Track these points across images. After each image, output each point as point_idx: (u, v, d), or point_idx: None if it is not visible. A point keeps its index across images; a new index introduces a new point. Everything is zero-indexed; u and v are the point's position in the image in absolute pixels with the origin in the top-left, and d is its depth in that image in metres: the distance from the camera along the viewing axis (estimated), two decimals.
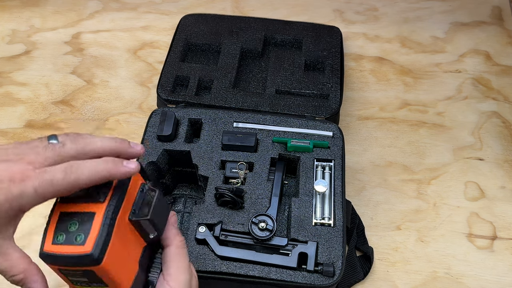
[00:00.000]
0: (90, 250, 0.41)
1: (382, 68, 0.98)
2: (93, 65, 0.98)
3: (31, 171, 0.41)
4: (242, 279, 0.62)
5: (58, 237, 0.43)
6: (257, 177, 0.70)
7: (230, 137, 0.72)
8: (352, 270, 0.71)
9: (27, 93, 0.94)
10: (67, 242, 0.42)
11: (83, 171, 0.42)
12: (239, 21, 0.94)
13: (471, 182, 0.82)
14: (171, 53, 0.88)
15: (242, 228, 0.65)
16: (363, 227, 0.76)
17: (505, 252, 0.75)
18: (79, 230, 0.42)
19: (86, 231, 0.42)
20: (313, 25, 0.93)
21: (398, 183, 0.82)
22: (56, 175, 0.41)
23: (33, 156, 0.42)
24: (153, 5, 1.08)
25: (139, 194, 0.47)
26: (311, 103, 0.81)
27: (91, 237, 0.41)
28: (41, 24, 1.05)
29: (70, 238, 0.42)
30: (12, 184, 0.40)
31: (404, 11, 1.07)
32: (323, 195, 0.69)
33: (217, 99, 0.81)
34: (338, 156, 0.72)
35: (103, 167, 0.43)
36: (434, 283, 0.73)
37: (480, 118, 0.90)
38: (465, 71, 0.97)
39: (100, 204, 0.43)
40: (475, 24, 1.05)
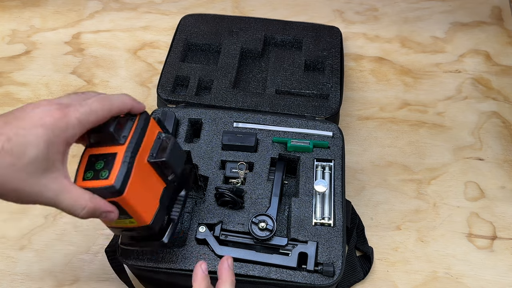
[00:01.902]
0: (113, 182, 0.49)
1: (382, 68, 0.98)
2: (93, 65, 0.98)
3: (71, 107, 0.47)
4: (242, 279, 0.62)
5: (87, 175, 0.50)
6: (257, 177, 0.70)
7: (230, 137, 0.72)
8: (352, 270, 0.71)
9: (27, 93, 0.94)
10: (94, 178, 0.50)
11: (114, 101, 0.50)
12: (239, 21, 0.94)
13: (471, 182, 0.82)
14: (171, 53, 0.88)
15: (242, 228, 0.65)
16: (363, 227, 0.76)
17: (505, 252, 0.75)
18: (104, 168, 0.50)
19: (109, 168, 0.50)
20: (313, 25, 0.93)
21: (398, 183, 0.82)
22: (93, 104, 0.48)
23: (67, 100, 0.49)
24: (153, 5, 1.08)
25: (156, 140, 0.55)
26: (311, 103, 0.81)
27: (113, 172, 0.49)
28: (41, 24, 1.05)
29: (97, 174, 0.50)
30: (56, 120, 0.45)
31: (404, 11, 1.07)
32: (323, 195, 0.69)
33: (217, 99, 0.81)
34: (338, 156, 0.72)
35: (127, 99, 0.52)
36: (434, 283, 0.73)
37: (480, 118, 0.90)
38: (465, 71, 0.97)
39: (121, 146, 0.51)
40: (475, 24, 1.05)
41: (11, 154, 0.43)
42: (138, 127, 0.53)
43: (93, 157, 0.51)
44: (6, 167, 0.43)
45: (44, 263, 0.74)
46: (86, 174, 0.51)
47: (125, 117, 0.53)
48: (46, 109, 0.46)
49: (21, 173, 0.44)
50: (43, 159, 0.45)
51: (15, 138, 0.44)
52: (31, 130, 0.44)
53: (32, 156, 0.44)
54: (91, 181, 0.50)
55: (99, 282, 0.73)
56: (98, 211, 0.49)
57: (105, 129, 0.51)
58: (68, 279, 0.73)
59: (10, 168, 0.44)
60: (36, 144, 0.44)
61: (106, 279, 0.73)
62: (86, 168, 0.51)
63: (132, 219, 0.53)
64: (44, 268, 0.74)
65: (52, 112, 0.46)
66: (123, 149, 0.51)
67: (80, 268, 0.74)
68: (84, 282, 0.73)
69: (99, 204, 0.49)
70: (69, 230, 0.77)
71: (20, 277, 0.73)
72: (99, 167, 0.50)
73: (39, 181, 0.45)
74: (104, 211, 0.50)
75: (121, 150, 0.51)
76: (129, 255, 0.62)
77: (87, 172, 0.51)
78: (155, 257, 0.63)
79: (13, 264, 0.74)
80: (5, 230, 0.77)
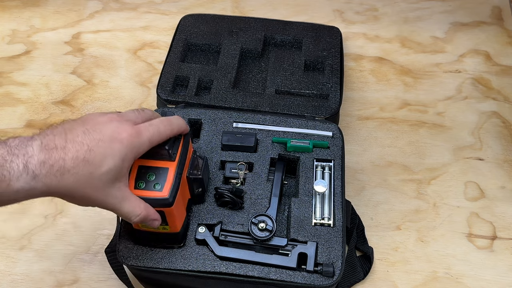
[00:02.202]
0: (167, 195, 0.56)
1: (382, 68, 0.98)
2: (93, 65, 0.98)
3: (142, 127, 0.52)
4: (242, 279, 0.62)
5: (139, 184, 0.57)
6: (257, 177, 0.70)
7: (229, 137, 0.72)
8: (352, 270, 0.71)
9: (27, 93, 0.94)
10: (147, 188, 0.56)
11: (175, 125, 0.57)
12: (239, 21, 0.93)
13: (471, 182, 0.82)
14: (171, 53, 0.88)
15: (242, 229, 0.65)
16: (363, 227, 0.76)
17: (505, 252, 0.75)
18: (156, 180, 0.57)
19: (162, 181, 0.57)
20: (313, 25, 0.93)
21: (398, 183, 0.82)
22: (160, 127, 0.55)
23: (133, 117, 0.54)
24: (153, 5, 1.08)
25: (192, 158, 0.63)
26: (311, 103, 0.81)
27: (166, 185, 0.57)
28: (41, 24, 1.05)
29: (149, 185, 0.56)
30: (132, 137, 0.51)
31: (404, 11, 1.07)
32: (322, 195, 0.68)
33: (216, 99, 0.81)
34: (338, 156, 0.72)
35: (183, 123, 0.59)
36: (434, 283, 0.73)
37: (480, 118, 0.90)
38: (465, 71, 0.97)
39: (172, 162, 0.58)
40: (475, 24, 1.05)
41: (90, 164, 0.47)
42: (184, 146, 0.60)
43: (143, 168, 0.58)
44: (84, 175, 0.47)
45: (44, 263, 0.74)
46: (137, 183, 0.56)
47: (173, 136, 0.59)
48: (121, 126, 0.51)
49: (96, 181, 0.48)
50: (116, 171, 0.50)
51: (96, 149, 0.48)
52: (110, 144, 0.49)
53: (108, 168, 0.49)
54: (144, 191, 0.56)
55: (99, 282, 0.73)
56: (148, 219, 0.55)
57: (162, 146, 0.57)
58: (68, 279, 0.73)
59: (87, 176, 0.48)
60: (113, 157, 0.49)
61: (106, 279, 0.73)
62: (137, 178, 0.57)
63: (167, 226, 0.60)
64: (44, 268, 0.74)
65: (128, 130, 0.51)
66: (174, 165, 0.58)
67: (80, 268, 0.74)
68: (84, 282, 0.73)
69: (150, 213, 0.55)
70: (69, 230, 0.77)
71: (20, 277, 0.73)
72: (151, 179, 0.57)
73: (108, 189, 0.50)
74: (152, 219, 0.55)
75: (172, 166, 0.58)
76: (128, 256, 0.62)
77: (139, 182, 0.57)
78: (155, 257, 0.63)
79: (13, 264, 0.74)
80: (5, 230, 0.77)
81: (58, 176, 0.46)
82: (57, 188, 0.47)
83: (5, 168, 0.44)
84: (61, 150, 0.47)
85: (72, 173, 0.47)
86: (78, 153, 0.47)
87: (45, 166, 0.46)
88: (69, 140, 0.47)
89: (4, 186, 0.44)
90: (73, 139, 0.48)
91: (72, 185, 0.47)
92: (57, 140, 0.47)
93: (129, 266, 0.63)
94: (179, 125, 0.58)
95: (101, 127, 0.50)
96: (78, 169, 0.47)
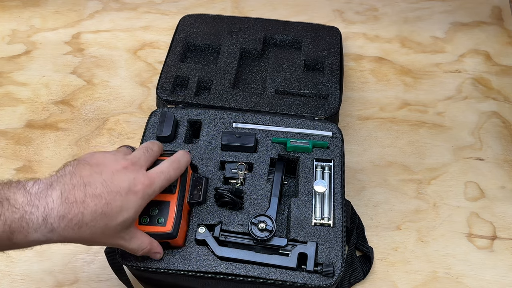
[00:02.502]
0: (170, 230, 0.59)
1: (382, 68, 0.98)
2: (93, 65, 0.98)
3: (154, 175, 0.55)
4: (242, 279, 0.62)
5: (143, 220, 0.59)
6: (257, 178, 0.70)
7: (229, 137, 0.72)
8: (352, 270, 0.71)
9: (27, 93, 0.94)
10: (151, 224, 0.59)
11: (182, 165, 0.59)
12: (239, 21, 0.93)
13: (471, 182, 0.82)
14: (170, 54, 0.88)
15: (242, 229, 0.65)
16: (363, 227, 0.76)
17: (505, 252, 0.75)
18: (159, 215, 0.60)
19: (165, 216, 0.60)
20: (312, 25, 0.93)
21: (398, 183, 0.82)
22: (170, 172, 0.57)
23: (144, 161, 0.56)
24: (153, 5, 1.08)
25: (192, 181, 0.65)
26: (311, 103, 0.81)
27: (169, 220, 0.60)
28: (41, 24, 1.05)
29: (153, 220, 0.59)
30: (146, 188, 0.53)
31: (404, 11, 1.07)
32: (322, 195, 0.68)
33: (216, 99, 0.81)
34: (338, 156, 0.72)
35: (188, 157, 0.61)
36: (434, 283, 0.73)
37: (480, 118, 0.90)
38: (465, 71, 0.97)
39: (172, 194, 0.61)
40: (475, 24, 1.04)
41: (107, 216, 0.50)
42: (183, 175, 0.62)
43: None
44: (100, 227, 0.50)
45: (44, 263, 0.74)
46: (142, 219, 0.59)
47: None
48: (137, 177, 0.53)
49: (110, 231, 0.51)
50: (130, 220, 0.53)
51: (113, 203, 0.50)
52: (127, 197, 0.51)
53: (123, 219, 0.51)
54: (148, 226, 0.59)
55: (99, 282, 0.73)
56: (151, 252, 0.58)
57: None
58: (68, 279, 0.73)
59: (102, 228, 0.50)
60: (128, 209, 0.51)
61: (106, 279, 0.73)
62: (141, 214, 0.57)
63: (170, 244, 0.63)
64: (44, 268, 0.74)
65: (143, 181, 0.53)
66: (174, 198, 0.61)
67: (80, 268, 0.74)
68: (84, 282, 0.73)
69: (153, 246, 0.58)
70: None
71: (20, 277, 0.73)
72: (153, 213, 0.60)
73: (119, 234, 0.53)
74: (155, 252, 0.59)
75: (173, 198, 0.61)
76: (128, 256, 0.62)
77: (143, 217, 0.59)
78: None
79: (13, 264, 0.74)
80: None
81: (76, 229, 0.48)
82: (72, 239, 0.49)
83: (25, 220, 0.45)
84: (80, 204, 0.48)
85: (89, 226, 0.49)
86: (96, 207, 0.48)
87: (64, 220, 0.47)
88: (88, 194, 0.49)
89: (21, 237, 0.45)
90: (92, 192, 0.49)
91: (87, 236, 0.49)
92: (76, 193, 0.48)
93: (129, 266, 0.63)
94: (186, 162, 0.61)
95: (118, 178, 0.51)
96: (95, 222, 0.49)
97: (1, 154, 0.86)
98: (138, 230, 0.56)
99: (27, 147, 0.87)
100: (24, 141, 0.87)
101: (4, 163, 0.85)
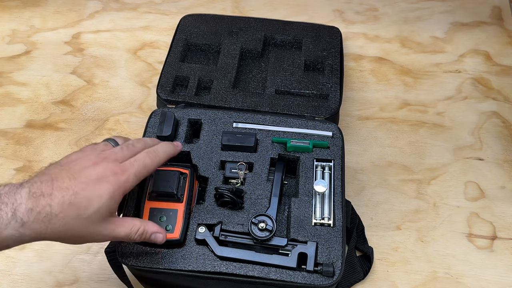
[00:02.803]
0: (178, 236, 0.63)
1: (382, 68, 0.98)
2: (93, 65, 0.98)
3: (127, 163, 0.55)
4: (242, 279, 0.62)
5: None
6: (257, 178, 0.70)
7: (229, 137, 0.72)
8: (352, 270, 0.71)
9: (27, 93, 0.94)
10: None
11: (161, 154, 0.59)
12: (239, 21, 0.93)
13: (471, 182, 0.82)
14: (171, 53, 0.88)
15: (242, 229, 0.65)
16: (363, 227, 0.76)
17: (505, 252, 0.75)
18: (167, 222, 0.64)
19: (173, 223, 0.63)
20: (312, 25, 0.93)
21: (398, 183, 0.82)
22: (146, 160, 0.57)
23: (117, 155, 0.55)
24: (153, 5, 1.08)
25: (198, 191, 0.69)
26: (311, 103, 0.81)
27: (177, 227, 0.63)
28: (41, 24, 1.05)
29: (162, 227, 0.60)
30: (118, 175, 0.53)
31: (404, 11, 1.07)
32: (322, 195, 0.68)
33: (216, 99, 0.81)
34: (338, 156, 0.72)
35: (169, 149, 0.61)
36: (434, 283, 0.73)
37: (480, 118, 0.90)
38: (465, 71, 0.97)
39: (180, 203, 0.65)
40: (475, 24, 1.04)
41: (77, 207, 0.50)
42: (190, 184, 0.66)
43: (154, 210, 0.64)
44: (72, 218, 0.50)
45: (44, 263, 0.74)
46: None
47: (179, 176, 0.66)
48: (107, 166, 0.53)
49: (85, 221, 0.51)
50: (106, 209, 0.52)
51: (81, 192, 0.50)
52: (95, 186, 0.51)
53: (96, 208, 0.51)
54: None
55: (99, 282, 0.73)
56: (148, 232, 0.57)
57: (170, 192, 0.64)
58: (68, 279, 0.73)
59: (74, 219, 0.50)
60: (100, 197, 0.51)
61: (106, 279, 0.73)
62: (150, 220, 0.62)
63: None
64: (44, 268, 0.74)
65: (113, 169, 0.53)
66: (182, 207, 0.65)
67: (80, 268, 0.74)
68: (84, 282, 0.73)
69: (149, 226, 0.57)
70: None
71: (20, 277, 0.73)
72: (162, 220, 0.64)
73: (99, 226, 0.52)
74: (153, 232, 0.57)
75: (180, 207, 0.64)
76: (128, 256, 0.62)
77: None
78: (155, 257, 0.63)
79: (13, 264, 0.74)
80: None
81: (46, 221, 0.48)
82: (46, 233, 0.49)
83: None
84: (47, 196, 0.48)
85: (60, 218, 0.49)
86: (64, 198, 0.49)
87: (32, 213, 0.47)
88: (55, 187, 0.49)
89: None
90: (59, 185, 0.50)
91: (60, 229, 0.49)
92: (44, 188, 0.49)
93: (129, 266, 0.63)
94: (165, 153, 0.60)
95: (86, 171, 0.52)
96: (65, 213, 0.49)
97: (1, 154, 0.86)
98: (126, 217, 0.57)
99: (27, 147, 0.87)
100: (24, 141, 0.87)
101: (4, 163, 0.85)
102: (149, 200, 0.65)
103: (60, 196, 0.49)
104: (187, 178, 0.67)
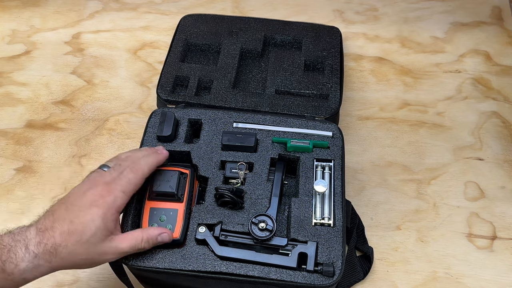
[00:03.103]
0: (178, 236, 0.63)
1: (382, 68, 0.98)
2: (93, 65, 0.98)
3: (112, 184, 0.59)
4: (242, 279, 0.62)
5: (152, 225, 0.64)
6: (257, 177, 0.70)
7: (230, 137, 0.72)
8: (352, 270, 0.71)
9: (27, 93, 0.94)
10: None
11: (143, 166, 0.62)
12: (239, 21, 0.93)
13: (471, 182, 0.82)
14: (171, 53, 0.88)
15: (242, 228, 0.65)
16: (363, 227, 0.76)
17: (505, 252, 0.75)
18: (167, 222, 0.64)
19: (173, 223, 0.64)
20: (312, 25, 0.93)
21: (398, 183, 0.82)
22: (129, 175, 0.60)
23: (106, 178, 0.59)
24: (153, 5, 1.08)
25: (198, 191, 0.69)
26: (311, 103, 0.81)
27: (177, 227, 0.64)
28: (41, 24, 1.05)
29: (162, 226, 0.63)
30: (105, 197, 0.57)
31: (404, 11, 1.07)
32: (323, 195, 0.68)
33: (216, 99, 0.81)
34: (338, 156, 0.72)
35: (151, 159, 0.64)
36: (434, 283, 0.73)
37: (480, 118, 0.90)
38: (465, 71, 0.97)
39: (180, 203, 0.65)
40: (475, 24, 1.05)
41: (75, 233, 0.55)
42: (190, 184, 0.67)
43: (154, 210, 0.65)
44: (74, 244, 0.55)
45: None
46: (151, 225, 0.64)
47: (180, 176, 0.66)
48: (95, 191, 0.58)
49: (86, 245, 0.55)
50: (102, 230, 0.56)
51: (76, 220, 0.55)
52: (87, 211, 0.56)
53: (93, 231, 0.56)
54: None
55: (99, 282, 0.73)
56: (154, 237, 0.61)
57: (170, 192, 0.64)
58: (68, 279, 0.73)
59: (76, 245, 0.55)
60: (93, 221, 0.56)
61: (106, 279, 0.73)
62: (150, 219, 0.64)
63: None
64: None
65: (101, 192, 0.58)
66: (182, 207, 0.65)
67: None
68: (84, 282, 0.73)
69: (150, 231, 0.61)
70: None
71: None
72: (162, 220, 0.64)
73: (101, 246, 0.57)
74: (158, 234, 0.61)
75: (181, 207, 0.65)
76: (128, 256, 0.62)
77: (152, 224, 0.64)
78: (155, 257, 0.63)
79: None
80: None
81: (53, 251, 0.54)
82: (57, 262, 0.55)
83: (12, 251, 0.53)
84: (50, 229, 0.55)
85: (63, 246, 0.54)
86: (63, 228, 0.55)
87: (41, 246, 0.54)
88: (55, 220, 0.55)
89: (12, 267, 0.52)
90: (58, 218, 0.56)
91: (67, 256, 0.55)
92: (46, 222, 0.55)
93: (129, 266, 0.63)
94: (148, 164, 0.63)
95: (79, 199, 0.57)
96: (66, 241, 0.54)
97: (1, 154, 0.86)
98: (126, 232, 0.60)
99: (27, 147, 0.87)
100: (24, 141, 0.87)
101: (4, 163, 0.85)
102: (149, 200, 0.66)
103: (59, 227, 0.55)
104: (187, 178, 0.67)
